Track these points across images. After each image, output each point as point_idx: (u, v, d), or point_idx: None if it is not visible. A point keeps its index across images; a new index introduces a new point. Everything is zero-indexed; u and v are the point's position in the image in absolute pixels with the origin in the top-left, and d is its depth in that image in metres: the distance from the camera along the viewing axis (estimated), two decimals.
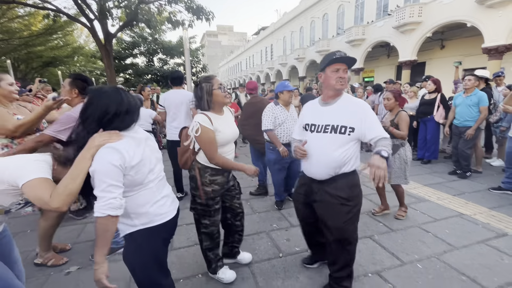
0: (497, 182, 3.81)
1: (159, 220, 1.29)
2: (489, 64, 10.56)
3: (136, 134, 1.26)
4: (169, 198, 1.39)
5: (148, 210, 1.26)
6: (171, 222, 1.37)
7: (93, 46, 21.07)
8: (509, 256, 2.25)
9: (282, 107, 3.04)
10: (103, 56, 9.01)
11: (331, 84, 1.64)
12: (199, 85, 1.77)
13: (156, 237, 1.31)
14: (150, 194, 1.27)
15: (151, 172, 1.27)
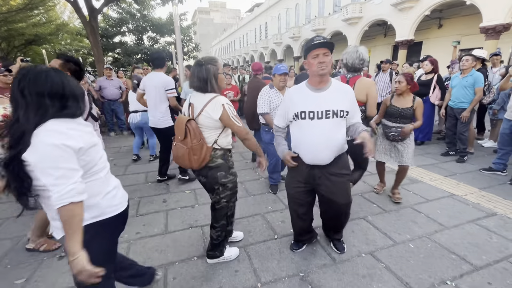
0: (488, 163, 3.87)
1: (111, 212, 1.20)
2: (485, 44, 10.45)
3: (85, 127, 1.13)
4: (119, 189, 1.30)
5: (99, 201, 1.15)
6: (123, 215, 1.28)
7: (78, 23, 19.94)
8: (497, 235, 2.32)
9: (276, 91, 2.94)
10: (89, 33, 8.51)
11: (314, 70, 1.65)
12: (203, 66, 1.68)
13: (108, 231, 1.22)
14: (101, 184, 1.17)
15: (101, 158, 1.18)
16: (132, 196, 3.24)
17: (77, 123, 1.08)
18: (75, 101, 1.09)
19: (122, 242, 2.32)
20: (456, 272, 1.90)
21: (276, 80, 2.93)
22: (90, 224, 1.14)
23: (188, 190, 3.37)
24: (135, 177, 3.86)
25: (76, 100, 1.10)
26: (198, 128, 1.71)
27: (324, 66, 1.60)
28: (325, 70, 1.61)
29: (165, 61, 3.22)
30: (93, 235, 1.14)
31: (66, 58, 2.02)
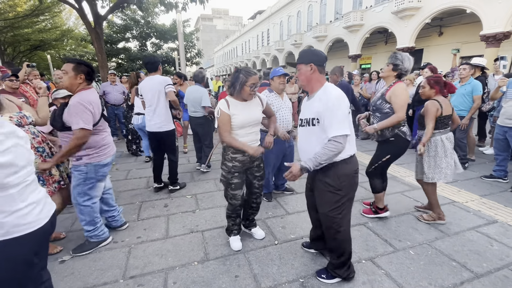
0: (489, 170, 3.87)
1: (18, 231, 1.04)
2: (486, 52, 10.51)
3: (1, 128, 1.01)
4: (39, 205, 1.14)
5: (2, 221, 1.01)
6: (38, 233, 1.11)
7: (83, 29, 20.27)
8: (498, 242, 2.31)
9: (276, 94, 2.88)
10: (93, 39, 8.66)
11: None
12: (237, 73, 2.00)
13: (14, 251, 1.05)
14: (7, 202, 1.02)
15: (15, 174, 1.03)
16: (133, 200, 3.26)
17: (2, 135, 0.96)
18: None
19: (123, 246, 2.34)
20: (456, 280, 1.90)
21: (275, 83, 2.84)
22: None
23: (189, 195, 3.39)
24: (137, 181, 3.88)
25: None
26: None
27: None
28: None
29: (158, 64, 3.18)
30: None
31: (77, 61, 2.06)
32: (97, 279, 1.95)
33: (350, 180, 1.72)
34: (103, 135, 2.21)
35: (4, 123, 1.04)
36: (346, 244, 1.83)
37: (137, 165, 4.61)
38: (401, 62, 2.38)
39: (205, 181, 3.84)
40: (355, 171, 1.75)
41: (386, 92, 2.46)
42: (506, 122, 3.30)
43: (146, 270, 2.05)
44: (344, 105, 1.60)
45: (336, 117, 1.56)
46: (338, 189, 1.71)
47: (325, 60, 1.71)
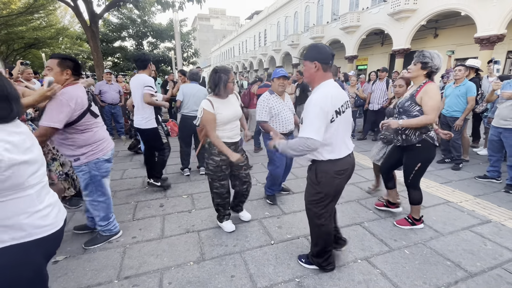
0: (482, 170, 3.92)
1: (39, 233, 1.05)
2: (480, 54, 10.64)
3: (18, 128, 1.03)
4: (55, 207, 1.15)
5: (22, 222, 1.00)
6: (56, 236, 1.12)
7: (78, 28, 20.07)
8: (492, 242, 2.34)
9: (276, 96, 2.83)
10: (89, 38, 8.57)
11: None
12: (217, 73, 2.14)
13: (33, 253, 1.04)
14: (28, 202, 1.02)
15: (34, 175, 1.04)
16: (128, 200, 3.23)
17: (5, 130, 0.97)
18: (11, 102, 1.00)
19: (118, 246, 2.32)
20: (451, 279, 1.91)
21: (274, 85, 2.81)
22: (9, 246, 0.98)
23: (186, 195, 3.37)
24: (132, 181, 3.85)
25: (12, 102, 1.01)
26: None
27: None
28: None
29: (147, 62, 3.15)
30: (11, 259, 0.99)
31: (62, 56, 2.01)
32: (91, 279, 1.93)
33: (328, 179, 1.74)
34: (93, 130, 2.15)
35: (20, 123, 1.06)
36: (321, 238, 1.90)
37: (132, 165, 4.58)
38: (430, 59, 2.21)
39: (201, 181, 3.82)
40: (337, 172, 1.72)
41: (416, 93, 2.28)
42: (500, 123, 3.34)
43: (141, 270, 2.03)
44: (320, 108, 1.54)
45: (308, 119, 1.57)
46: (315, 184, 1.78)
47: (330, 58, 1.65)
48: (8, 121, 0.99)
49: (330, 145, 1.67)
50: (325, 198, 1.79)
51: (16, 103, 1.03)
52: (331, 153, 1.70)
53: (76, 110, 1.99)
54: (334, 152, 1.70)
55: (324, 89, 1.63)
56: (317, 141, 1.55)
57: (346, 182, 1.82)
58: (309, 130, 1.55)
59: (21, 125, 1.06)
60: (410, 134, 2.36)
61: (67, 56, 2.04)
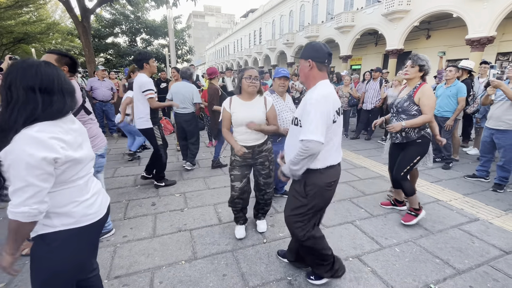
0: (472, 170, 4.00)
1: (86, 221, 1.12)
2: (471, 56, 10.82)
3: (73, 125, 1.10)
4: (99, 195, 1.22)
5: (71, 210, 1.07)
6: (100, 223, 1.19)
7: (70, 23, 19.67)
8: (479, 239, 2.39)
9: (277, 96, 2.79)
10: (80, 34, 8.40)
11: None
12: (239, 73, 2.18)
13: (80, 240, 1.12)
14: (77, 192, 1.09)
15: (83, 168, 1.12)
16: (120, 199, 3.18)
17: (62, 127, 1.02)
18: (65, 96, 1.04)
19: (109, 246, 2.28)
20: (439, 276, 1.95)
21: (275, 84, 2.77)
22: (60, 231, 1.06)
23: (178, 193, 3.35)
24: (124, 179, 3.80)
25: (66, 95, 1.04)
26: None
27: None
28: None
29: (142, 62, 3.05)
30: (61, 244, 1.07)
31: (61, 53, 1.98)
32: None
33: (318, 191, 1.59)
34: (89, 126, 2.14)
35: (75, 119, 1.14)
36: (311, 247, 1.73)
37: (124, 163, 4.52)
38: (426, 62, 2.44)
39: (194, 180, 3.80)
40: (328, 184, 1.60)
41: (414, 94, 2.46)
42: (493, 124, 3.37)
43: (132, 269, 2.00)
44: (322, 108, 1.44)
45: (308, 120, 1.44)
46: (302, 196, 1.63)
47: (326, 57, 1.55)
48: (63, 115, 1.03)
49: (326, 149, 1.54)
50: (311, 211, 1.65)
51: (70, 96, 1.06)
52: (326, 159, 1.57)
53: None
54: (328, 158, 1.57)
55: (323, 88, 1.53)
56: (319, 142, 1.41)
57: (334, 193, 1.70)
58: (310, 131, 1.41)
59: (75, 121, 1.14)
60: (409, 132, 2.53)
61: (66, 53, 2.00)
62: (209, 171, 4.13)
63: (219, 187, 3.54)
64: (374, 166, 4.33)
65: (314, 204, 1.64)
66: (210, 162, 4.56)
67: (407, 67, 2.52)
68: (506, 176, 3.36)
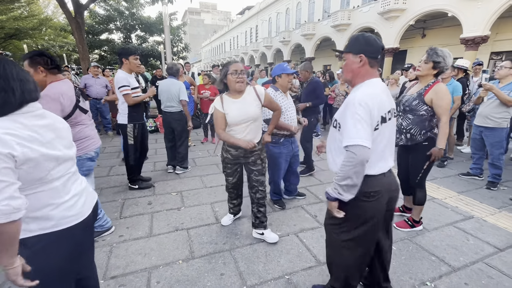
0: (466, 168, 4.05)
1: (66, 223, 1.07)
2: (465, 55, 10.94)
3: (39, 121, 1.01)
4: (82, 196, 1.17)
5: (49, 213, 1.03)
6: (84, 224, 1.14)
7: (63, 19, 19.34)
8: (474, 237, 2.42)
9: (282, 93, 2.68)
10: (74, 30, 8.25)
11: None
12: (223, 68, 2.03)
13: (63, 242, 1.08)
14: (53, 194, 1.04)
15: (57, 168, 1.04)
16: (115, 198, 3.15)
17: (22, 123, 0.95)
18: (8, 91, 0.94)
19: (105, 245, 2.26)
20: (435, 274, 1.97)
21: (283, 81, 2.64)
22: (38, 235, 1.02)
23: (175, 192, 3.32)
24: (120, 178, 3.76)
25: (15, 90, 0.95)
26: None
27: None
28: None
29: (121, 57, 2.97)
30: (44, 246, 1.03)
31: (29, 55, 1.89)
32: None
33: (352, 201, 1.31)
34: (79, 127, 2.09)
35: (45, 113, 1.06)
36: (342, 271, 1.55)
37: (119, 162, 4.47)
38: (443, 59, 2.13)
39: (191, 178, 3.78)
40: (366, 194, 1.34)
41: (425, 93, 2.22)
42: (481, 122, 3.44)
43: (128, 269, 1.98)
44: (367, 109, 1.25)
45: (349, 123, 1.26)
46: (340, 221, 1.41)
47: (380, 52, 1.37)
48: (10, 110, 0.94)
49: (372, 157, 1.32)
50: (348, 225, 1.42)
51: (20, 91, 0.95)
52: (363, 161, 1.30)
53: (66, 105, 1.93)
54: (371, 167, 1.34)
55: (370, 88, 1.33)
56: (367, 148, 1.21)
57: (382, 208, 1.40)
58: (354, 135, 1.23)
59: (44, 116, 1.05)
60: (415, 133, 2.31)
61: (35, 52, 1.92)
62: (205, 170, 4.11)
63: (216, 185, 3.53)
64: None
65: (348, 216, 1.37)
66: (206, 160, 4.54)
67: (421, 62, 2.27)
68: (499, 174, 3.42)
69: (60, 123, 1.13)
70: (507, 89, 3.18)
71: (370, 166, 1.33)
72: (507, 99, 3.11)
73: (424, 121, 2.28)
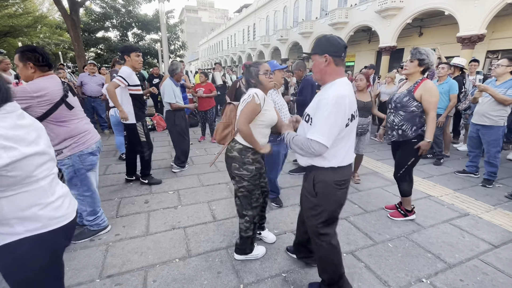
0: (462, 165, 4.07)
1: (54, 224, 1.06)
2: (461, 53, 10.99)
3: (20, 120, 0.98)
4: (66, 198, 1.16)
5: (37, 213, 1.01)
6: (69, 226, 1.13)
7: (58, 16, 19.11)
8: (469, 234, 2.44)
9: (276, 91, 2.64)
10: (69, 27, 8.17)
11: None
12: (247, 69, 1.89)
13: (49, 245, 1.06)
14: (41, 194, 1.02)
15: (42, 166, 1.02)
16: (112, 197, 3.13)
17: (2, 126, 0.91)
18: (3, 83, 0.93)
19: (101, 244, 2.24)
20: (431, 270, 1.98)
21: (277, 77, 2.54)
22: (26, 238, 0.99)
23: (172, 190, 3.31)
24: (116, 177, 3.74)
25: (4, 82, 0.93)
26: (232, 111, 1.97)
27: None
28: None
29: (123, 54, 3.00)
30: (29, 250, 1.00)
31: (22, 49, 1.86)
32: (71, 279, 1.86)
33: (327, 190, 1.51)
34: (74, 122, 2.06)
35: (24, 114, 1.04)
36: (328, 262, 1.65)
37: (115, 160, 4.44)
38: (427, 56, 2.29)
39: (188, 177, 3.76)
40: (337, 182, 1.51)
41: (415, 90, 2.35)
42: (478, 120, 3.46)
43: (125, 268, 1.97)
44: (336, 110, 1.34)
45: (320, 120, 1.37)
46: (312, 195, 1.57)
47: (343, 50, 1.46)
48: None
49: (335, 149, 1.46)
50: (325, 214, 1.56)
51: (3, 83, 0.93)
52: (334, 158, 1.48)
53: (41, 102, 1.87)
54: (337, 157, 1.48)
55: (340, 87, 1.41)
56: (324, 146, 1.36)
57: (346, 195, 1.61)
58: (318, 132, 1.36)
59: (24, 116, 1.02)
60: (406, 130, 2.43)
61: (28, 47, 1.88)
62: (203, 168, 4.10)
63: (213, 184, 3.52)
64: (367, 162, 4.37)
65: (325, 205, 1.55)
66: (203, 159, 4.52)
67: (406, 61, 2.44)
68: (495, 171, 3.44)
69: (38, 123, 1.10)
70: (503, 87, 3.19)
71: (343, 158, 1.50)
72: (502, 98, 3.13)
73: (415, 117, 2.41)
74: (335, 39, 1.46)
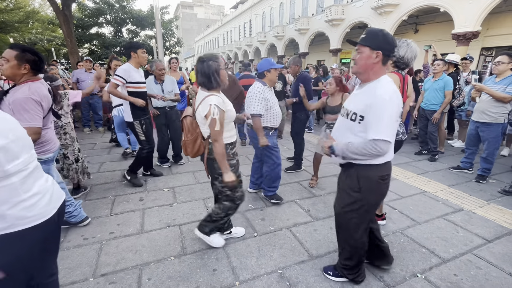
0: (456, 161, 4.11)
1: (24, 224, 0.99)
2: (456, 50, 11.05)
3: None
4: (45, 195, 1.08)
5: (5, 213, 0.94)
6: (45, 226, 1.06)
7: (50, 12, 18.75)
8: (463, 229, 2.46)
9: (269, 88, 2.70)
10: (61, 23, 8.02)
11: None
12: (205, 63, 1.75)
13: (21, 245, 1.00)
14: (10, 192, 0.96)
15: (12, 162, 0.95)
16: (106, 194, 3.09)
17: None
18: None
19: (94, 243, 2.22)
20: (426, 265, 1.99)
21: (272, 76, 2.66)
22: None
23: (167, 188, 3.28)
24: (110, 174, 3.69)
25: None
26: (193, 124, 1.90)
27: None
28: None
29: (128, 51, 3.00)
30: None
31: (22, 48, 1.80)
32: (64, 278, 1.83)
33: (371, 185, 1.53)
34: (46, 131, 2.03)
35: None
36: (357, 253, 1.71)
37: (110, 158, 4.39)
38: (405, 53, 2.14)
39: (183, 174, 3.74)
40: (382, 177, 1.52)
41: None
42: (478, 117, 3.43)
43: (119, 267, 1.95)
44: (395, 106, 1.35)
45: (382, 119, 1.34)
46: (355, 191, 1.56)
47: (394, 51, 1.46)
48: None
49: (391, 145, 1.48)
50: (364, 208, 1.59)
51: None
52: (388, 154, 1.47)
53: (45, 109, 1.88)
54: (389, 153, 1.50)
55: (390, 83, 1.41)
56: (390, 143, 1.35)
57: (389, 187, 1.62)
58: (382, 130, 1.33)
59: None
60: None
61: (30, 49, 1.82)
62: (198, 165, 4.07)
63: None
64: None
65: (368, 199, 1.56)
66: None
67: None
68: (489, 168, 3.47)
69: (8, 115, 1.04)
70: (503, 83, 3.16)
71: (390, 153, 1.51)
72: (501, 96, 3.12)
73: None
74: (391, 38, 1.42)
